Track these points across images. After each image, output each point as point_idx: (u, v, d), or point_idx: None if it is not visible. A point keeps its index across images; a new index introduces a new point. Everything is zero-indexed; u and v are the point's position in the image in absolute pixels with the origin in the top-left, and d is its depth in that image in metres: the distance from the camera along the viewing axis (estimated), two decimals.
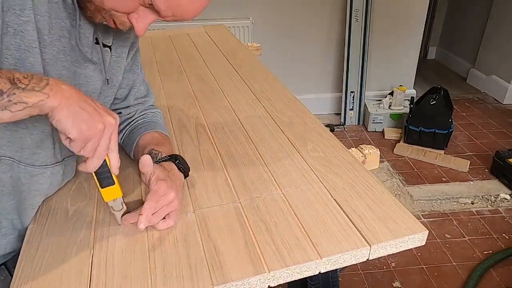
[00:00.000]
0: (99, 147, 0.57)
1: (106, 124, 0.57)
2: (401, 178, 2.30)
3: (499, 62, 3.15)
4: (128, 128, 0.88)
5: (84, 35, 0.67)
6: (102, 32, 0.71)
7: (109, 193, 0.65)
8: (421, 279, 1.68)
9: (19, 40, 0.56)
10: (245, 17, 2.61)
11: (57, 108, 0.52)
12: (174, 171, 0.75)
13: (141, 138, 0.85)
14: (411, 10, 2.72)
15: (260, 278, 0.59)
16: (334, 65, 2.88)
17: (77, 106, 0.54)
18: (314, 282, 0.99)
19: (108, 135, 0.58)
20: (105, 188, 0.63)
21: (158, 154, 0.79)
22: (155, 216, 0.68)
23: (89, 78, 0.71)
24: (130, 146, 0.86)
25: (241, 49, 1.63)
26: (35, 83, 0.51)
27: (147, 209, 0.66)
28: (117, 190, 0.65)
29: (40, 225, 0.71)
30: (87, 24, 0.66)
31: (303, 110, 1.10)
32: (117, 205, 0.67)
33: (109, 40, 0.74)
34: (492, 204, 2.09)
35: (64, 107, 0.52)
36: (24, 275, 0.61)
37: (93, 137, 0.55)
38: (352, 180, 0.79)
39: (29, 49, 0.58)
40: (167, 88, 1.28)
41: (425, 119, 2.44)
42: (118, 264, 0.62)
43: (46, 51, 0.61)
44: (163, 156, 0.78)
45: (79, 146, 0.55)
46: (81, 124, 0.54)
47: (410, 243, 0.66)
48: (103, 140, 0.57)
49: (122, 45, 0.78)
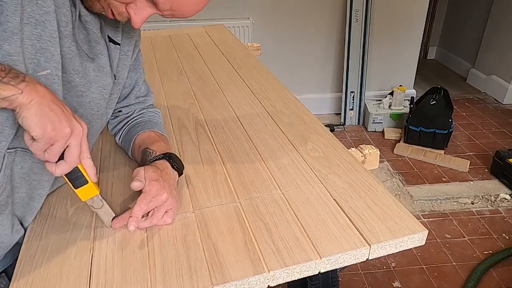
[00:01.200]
0: (70, 155, 0.56)
1: (73, 129, 0.55)
2: (401, 178, 2.30)
3: (499, 62, 3.14)
4: (126, 127, 0.89)
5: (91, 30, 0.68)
6: (112, 30, 0.72)
7: (85, 193, 0.63)
8: (421, 279, 1.68)
9: (40, 31, 0.57)
10: (245, 17, 2.61)
11: (27, 105, 0.51)
12: (167, 169, 0.75)
13: (137, 137, 0.85)
14: (411, 10, 2.72)
15: (260, 278, 0.59)
16: (334, 65, 2.88)
17: (46, 106, 0.53)
18: (314, 282, 0.99)
19: (77, 141, 0.56)
20: (79, 188, 0.62)
21: (152, 153, 0.79)
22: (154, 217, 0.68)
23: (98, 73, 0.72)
24: (128, 144, 0.86)
25: (241, 49, 1.63)
26: (11, 78, 0.51)
27: (136, 212, 0.66)
28: (92, 189, 0.63)
29: (40, 225, 0.71)
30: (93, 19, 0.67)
31: (303, 110, 1.10)
32: (96, 203, 0.66)
33: (118, 37, 0.75)
34: (492, 204, 2.09)
35: (34, 105, 0.52)
36: (24, 275, 0.61)
37: (57, 140, 0.54)
38: (352, 180, 0.79)
39: (50, 39, 0.58)
40: (167, 88, 1.28)
41: (425, 119, 2.44)
42: (118, 264, 0.62)
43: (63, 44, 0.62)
44: (157, 155, 0.78)
45: (41, 148, 0.54)
46: (46, 124, 0.52)
47: (410, 243, 0.66)
48: (74, 147, 0.56)
49: (129, 43, 0.78)
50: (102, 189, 0.80)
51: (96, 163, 0.89)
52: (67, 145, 0.56)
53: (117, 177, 0.85)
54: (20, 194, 0.68)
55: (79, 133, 0.57)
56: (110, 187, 0.81)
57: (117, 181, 0.83)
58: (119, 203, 0.76)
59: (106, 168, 0.88)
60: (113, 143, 0.96)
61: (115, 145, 0.96)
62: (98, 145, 0.97)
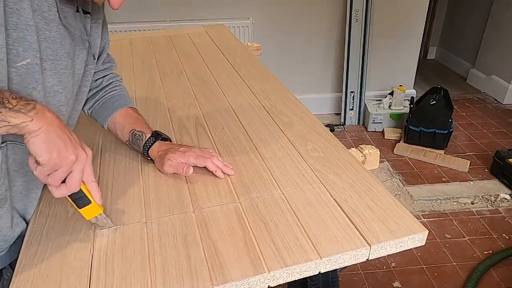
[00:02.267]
0: (72, 181, 0.58)
1: (78, 156, 0.58)
2: (401, 178, 2.30)
3: (499, 62, 3.14)
4: (99, 101, 0.91)
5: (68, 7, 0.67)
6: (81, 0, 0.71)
7: (89, 212, 0.65)
8: (421, 279, 1.68)
9: (16, 19, 0.56)
10: (245, 17, 2.61)
11: (36, 131, 0.53)
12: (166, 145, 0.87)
13: (117, 115, 0.90)
14: (411, 10, 2.72)
15: (260, 278, 0.59)
16: (334, 65, 2.88)
17: (54, 133, 0.55)
18: (314, 282, 0.99)
19: (81, 167, 0.59)
20: (83, 208, 0.64)
21: (142, 136, 0.87)
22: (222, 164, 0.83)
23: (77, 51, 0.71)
24: (105, 117, 0.91)
25: (241, 49, 1.63)
26: (22, 106, 0.53)
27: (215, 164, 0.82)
28: (95, 208, 0.65)
29: (40, 225, 0.71)
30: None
31: (303, 110, 1.10)
32: (100, 221, 0.68)
33: (88, 6, 0.74)
34: (492, 204, 2.09)
35: (43, 132, 0.54)
36: (24, 275, 0.61)
37: (61, 166, 0.56)
38: (352, 180, 0.79)
39: (26, 28, 0.58)
40: (167, 88, 1.28)
41: (425, 119, 2.44)
42: (118, 264, 0.62)
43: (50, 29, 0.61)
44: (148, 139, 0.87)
45: (45, 172, 0.56)
46: (53, 150, 0.55)
47: (410, 243, 0.66)
48: (76, 173, 0.58)
49: (98, 11, 0.78)
50: (102, 189, 0.80)
51: (96, 163, 0.89)
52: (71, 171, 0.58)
53: (117, 176, 0.85)
54: (17, 186, 0.69)
55: (83, 160, 0.59)
56: (111, 187, 0.81)
57: (117, 181, 0.83)
58: (119, 203, 0.76)
59: (107, 168, 0.88)
60: (114, 143, 0.96)
61: (115, 145, 0.96)
62: (98, 144, 0.97)
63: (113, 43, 1.69)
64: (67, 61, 0.68)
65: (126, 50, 1.64)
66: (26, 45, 0.58)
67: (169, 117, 1.10)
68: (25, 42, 0.58)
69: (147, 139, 0.87)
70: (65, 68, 0.68)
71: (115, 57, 0.96)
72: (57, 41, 0.64)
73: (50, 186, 0.58)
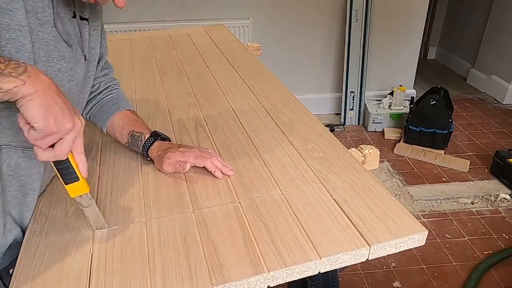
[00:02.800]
0: (61, 148, 0.55)
1: (74, 125, 0.55)
2: (401, 178, 2.30)
3: (499, 62, 3.14)
4: (97, 104, 0.91)
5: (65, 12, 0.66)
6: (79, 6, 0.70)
7: (75, 189, 0.63)
8: (421, 279, 1.68)
9: (8, 19, 0.55)
10: (245, 17, 2.61)
11: (31, 95, 0.50)
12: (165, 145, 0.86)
13: (115, 118, 0.90)
14: (411, 10, 2.72)
15: (260, 278, 0.59)
16: (334, 65, 2.88)
17: (51, 99, 0.52)
18: (314, 282, 0.99)
19: (73, 136, 0.56)
20: (70, 184, 0.62)
21: (141, 136, 0.87)
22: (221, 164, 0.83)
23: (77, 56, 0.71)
24: (103, 121, 0.91)
25: (241, 49, 1.63)
26: (12, 69, 0.49)
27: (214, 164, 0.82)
28: (82, 186, 0.63)
29: (40, 225, 0.71)
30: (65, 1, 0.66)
31: (303, 110, 1.10)
32: (84, 201, 0.66)
33: (85, 13, 0.73)
34: (492, 204, 2.09)
35: (39, 97, 0.51)
36: (24, 275, 0.61)
37: (56, 134, 0.54)
38: (351, 180, 0.79)
39: (19, 28, 0.56)
40: (167, 88, 1.28)
41: (425, 119, 2.44)
42: (118, 264, 0.62)
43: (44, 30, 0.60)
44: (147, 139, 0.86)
45: (37, 137, 0.53)
46: (50, 117, 0.52)
47: (410, 243, 0.66)
48: (67, 140, 0.55)
49: (96, 18, 0.77)
50: (102, 188, 0.80)
51: (96, 163, 0.89)
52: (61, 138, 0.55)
53: (116, 176, 0.85)
54: (13, 192, 0.68)
55: (78, 129, 0.57)
56: (110, 187, 0.81)
57: (117, 181, 0.83)
58: (119, 203, 0.76)
59: (106, 168, 0.88)
60: (113, 143, 0.96)
61: (115, 145, 0.96)
62: (98, 144, 0.97)
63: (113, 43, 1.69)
64: (60, 64, 0.66)
65: (126, 50, 1.64)
66: (19, 46, 0.57)
67: (169, 117, 1.10)
68: (18, 43, 0.57)
69: (146, 140, 0.87)
70: (58, 71, 0.66)
71: (115, 57, 0.96)
72: (51, 43, 0.63)
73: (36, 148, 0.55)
